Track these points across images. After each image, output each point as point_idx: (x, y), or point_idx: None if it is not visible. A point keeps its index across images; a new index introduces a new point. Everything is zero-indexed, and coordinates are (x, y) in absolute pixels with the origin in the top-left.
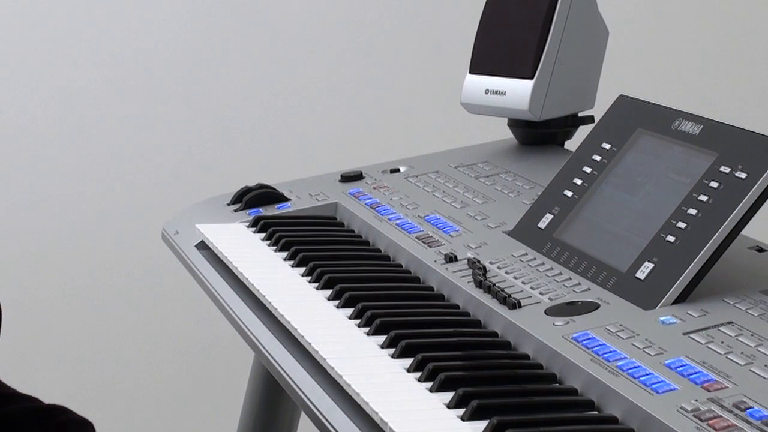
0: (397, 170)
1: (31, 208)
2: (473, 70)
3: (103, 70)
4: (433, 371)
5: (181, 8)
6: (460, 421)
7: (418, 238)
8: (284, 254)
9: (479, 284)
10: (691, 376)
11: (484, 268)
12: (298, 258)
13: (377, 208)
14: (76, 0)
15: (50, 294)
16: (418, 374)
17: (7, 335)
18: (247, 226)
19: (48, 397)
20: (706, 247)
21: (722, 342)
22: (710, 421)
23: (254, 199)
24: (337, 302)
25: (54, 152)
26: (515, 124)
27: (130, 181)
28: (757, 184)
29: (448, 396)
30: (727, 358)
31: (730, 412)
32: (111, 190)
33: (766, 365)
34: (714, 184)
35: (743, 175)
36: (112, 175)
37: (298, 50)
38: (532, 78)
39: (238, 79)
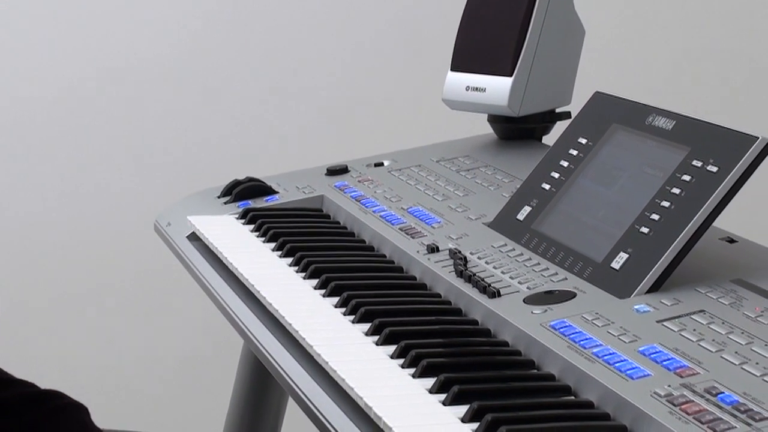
0: (381, 164)
1: (26, 200)
2: (454, 68)
3: (96, 65)
4: (416, 358)
5: (173, 5)
6: (442, 405)
7: (401, 229)
8: (272, 245)
9: (460, 274)
10: (664, 363)
11: (465, 258)
12: (285, 249)
13: (362, 201)
14: None
15: (45, 282)
16: (401, 361)
17: (3, 322)
18: (237, 218)
19: (43, 383)
20: (679, 238)
21: (694, 329)
22: (683, 406)
23: (243, 191)
24: (323, 291)
25: (48, 147)
26: (495, 120)
27: (125, 173)
28: (727, 178)
29: (430, 382)
30: (698, 345)
31: (702, 397)
32: (105, 183)
33: (736, 352)
34: (686, 178)
35: (714, 169)
36: (106, 168)
37: (287, 48)
38: (511, 75)
39: (230, 77)
